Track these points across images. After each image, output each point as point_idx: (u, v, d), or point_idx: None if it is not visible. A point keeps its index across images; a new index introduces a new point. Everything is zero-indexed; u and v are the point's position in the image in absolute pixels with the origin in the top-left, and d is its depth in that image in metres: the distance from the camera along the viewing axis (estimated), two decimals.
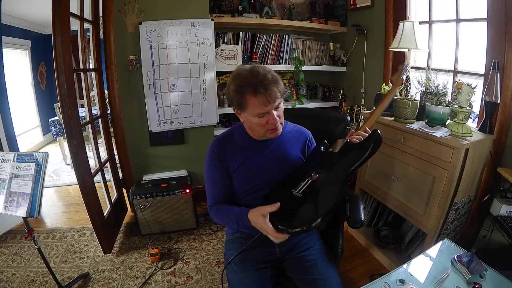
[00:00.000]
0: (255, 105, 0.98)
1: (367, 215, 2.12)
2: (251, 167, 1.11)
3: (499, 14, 1.53)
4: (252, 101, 0.97)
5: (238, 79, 0.98)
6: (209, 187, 1.14)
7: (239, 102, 1.00)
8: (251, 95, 0.96)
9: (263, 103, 0.97)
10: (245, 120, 1.08)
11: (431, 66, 2.00)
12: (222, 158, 1.12)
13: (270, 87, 0.95)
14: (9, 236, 2.13)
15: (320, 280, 1.02)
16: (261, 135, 1.09)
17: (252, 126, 1.07)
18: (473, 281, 0.97)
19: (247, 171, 1.11)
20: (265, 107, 0.98)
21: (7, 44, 3.54)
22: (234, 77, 1.01)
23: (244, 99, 0.98)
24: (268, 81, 0.96)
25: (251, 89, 0.95)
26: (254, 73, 0.97)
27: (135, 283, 1.70)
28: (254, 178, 1.11)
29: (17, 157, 1.35)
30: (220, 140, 1.15)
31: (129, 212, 2.38)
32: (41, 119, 4.58)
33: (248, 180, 1.11)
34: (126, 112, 2.18)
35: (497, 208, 1.45)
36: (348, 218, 1.18)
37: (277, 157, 1.13)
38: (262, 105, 0.97)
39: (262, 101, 0.96)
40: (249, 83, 0.96)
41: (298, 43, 2.68)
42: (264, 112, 0.99)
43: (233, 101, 1.03)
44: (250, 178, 1.11)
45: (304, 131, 1.24)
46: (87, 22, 1.88)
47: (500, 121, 1.57)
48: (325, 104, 2.85)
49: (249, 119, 1.04)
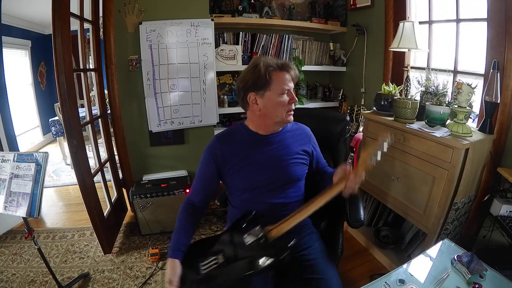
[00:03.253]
0: (281, 80, 1.05)
1: (367, 215, 2.12)
2: (251, 163, 1.11)
3: (499, 14, 1.53)
4: (279, 76, 1.05)
5: (263, 60, 1.06)
6: (195, 180, 1.18)
7: (265, 80, 1.03)
8: (278, 71, 1.05)
9: (287, 78, 1.06)
10: (264, 105, 1.07)
11: (431, 66, 2.00)
12: (219, 156, 1.12)
13: (289, 66, 1.08)
14: (9, 236, 2.13)
15: (320, 279, 1.02)
16: (277, 120, 1.10)
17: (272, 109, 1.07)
18: (473, 281, 0.97)
19: (247, 167, 1.11)
20: (290, 83, 1.07)
21: (7, 44, 3.53)
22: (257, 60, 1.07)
23: (271, 75, 1.04)
24: (286, 63, 1.08)
25: (278, 66, 1.05)
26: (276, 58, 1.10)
27: (135, 283, 1.70)
28: (255, 174, 1.11)
29: (17, 157, 1.35)
30: (220, 138, 1.15)
31: (129, 212, 2.37)
32: (41, 119, 4.58)
33: (248, 176, 1.11)
34: (126, 112, 2.18)
35: (497, 208, 1.45)
36: (348, 218, 1.18)
37: (278, 153, 1.13)
38: (287, 80, 1.06)
39: (286, 77, 1.06)
40: (275, 62, 1.06)
41: (298, 43, 2.68)
42: (288, 89, 1.06)
43: (257, 81, 1.05)
44: (251, 175, 1.11)
45: (307, 129, 1.25)
46: (87, 22, 1.88)
47: (500, 121, 1.57)
48: (325, 104, 2.85)
49: (272, 99, 1.06)
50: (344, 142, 1.48)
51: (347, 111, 2.66)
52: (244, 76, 1.09)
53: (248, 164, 1.11)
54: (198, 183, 1.17)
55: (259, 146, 1.13)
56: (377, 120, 1.83)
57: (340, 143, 1.46)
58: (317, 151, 1.26)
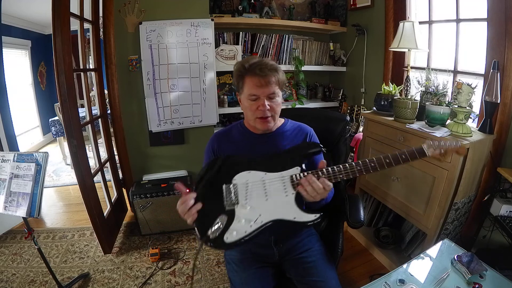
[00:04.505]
0: (249, 85, 1.02)
1: (367, 215, 2.12)
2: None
3: (499, 14, 1.53)
4: (247, 80, 1.02)
5: (240, 62, 1.07)
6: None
7: (238, 81, 1.05)
8: (248, 75, 1.02)
9: (257, 84, 1.00)
10: (242, 105, 1.09)
11: (431, 66, 2.00)
12: (218, 151, 1.13)
13: (265, 71, 1.00)
14: (9, 236, 2.13)
15: (319, 281, 1.02)
16: (251, 123, 1.09)
17: (245, 111, 1.09)
18: (473, 281, 0.97)
19: None
20: (258, 89, 1.01)
21: (7, 44, 3.53)
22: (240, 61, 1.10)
23: (243, 79, 1.03)
24: (265, 66, 1.00)
25: (249, 69, 1.01)
26: (256, 58, 1.05)
27: (135, 283, 1.70)
28: None
29: (17, 157, 1.35)
30: (218, 135, 1.18)
31: (129, 212, 2.37)
32: (41, 119, 4.57)
33: None
34: (126, 112, 2.18)
35: (497, 208, 1.45)
36: (348, 218, 1.18)
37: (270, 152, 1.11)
38: (255, 85, 1.01)
39: (256, 81, 1.00)
40: (249, 64, 1.02)
41: (298, 43, 2.68)
42: (256, 95, 1.01)
43: (235, 83, 1.08)
44: None
45: (305, 127, 1.20)
46: (87, 22, 1.88)
47: (500, 121, 1.57)
48: (325, 104, 2.85)
49: (243, 102, 1.07)
50: (345, 142, 1.48)
51: (347, 111, 2.66)
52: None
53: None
54: None
55: (253, 145, 1.13)
56: (377, 120, 1.83)
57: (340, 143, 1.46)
58: None
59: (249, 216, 0.88)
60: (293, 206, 0.90)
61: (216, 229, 0.87)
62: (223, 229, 0.87)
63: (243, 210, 0.90)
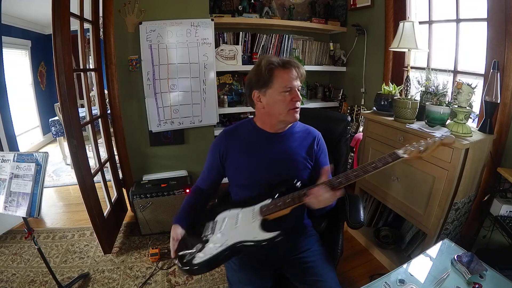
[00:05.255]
0: (283, 77, 1.04)
1: (367, 215, 2.12)
2: (254, 159, 1.11)
3: (499, 14, 1.53)
4: (280, 73, 1.04)
5: (266, 58, 1.07)
6: (204, 168, 1.23)
7: (266, 78, 1.05)
8: (280, 69, 1.05)
9: (292, 76, 1.05)
10: (267, 103, 1.08)
11: (431, 66, 2.00)
12: (223, 152, 1.13)
13: (296, 65, 1.08)
14: (9, 236, 2.13)
15: (319, 282, 1.02)
16: (281, 118, 1.08)
17: (274, 107, 1.07)
18: (473, 281, 0.97)
19: (248, 163, 1.11)
20: (293, 81, 1.05)
21: (7, 44, 3.53)
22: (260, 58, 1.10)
23: (273, 73, 1.05)
24: (293, 61, 1.08)
25: (281, 64, 1.05)
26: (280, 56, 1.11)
27: (135, 283, 1.70)
28: (256, 171, 1.10)
29: (17, 157, 1.35)
30: (227, 132, 1.18)
31: (129, 212, 2.37)
32: (41, 119, 4.57)
33: (249, 172, 1.11)
34: (126, 112, 2.18)
35: (497, 208, 1.45)
36: (348, 219, 1.18)
37: (281, 154, 1.12)
38: (290, 78, 1.05)
39: (291, 74, 1.05)
40: (278, 60, 1.06)
41: (298, 43, 2.69)
42: (291, 87, 1.05)
43: (260, 79, 1.06)
44: (252, 171, 1.11)
45: (313, 131, 1.21)
46: (87, 22, 1.88)
47: (500, 121, 1.57)
48: (325, 104, 2.85)
49: (273, 97, 1.06)
50: (345, 143, 1.48)
51: (347, 111, 2.66)
52: (249, 74, 1.12)
53: (250, 160, 1.11)
54: (205, 172, 1.22)
55: (264, 143, 1.12)
56: (377, 120, 1.83)
57: (341, 144, 1.46)
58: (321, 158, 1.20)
59: (218, 241, 1.00)
60: (256, 228, 1.00)
61: (191, 253, 1.00)
62: (195, 252, 1.00)
63: (214, 237, 1.02)
